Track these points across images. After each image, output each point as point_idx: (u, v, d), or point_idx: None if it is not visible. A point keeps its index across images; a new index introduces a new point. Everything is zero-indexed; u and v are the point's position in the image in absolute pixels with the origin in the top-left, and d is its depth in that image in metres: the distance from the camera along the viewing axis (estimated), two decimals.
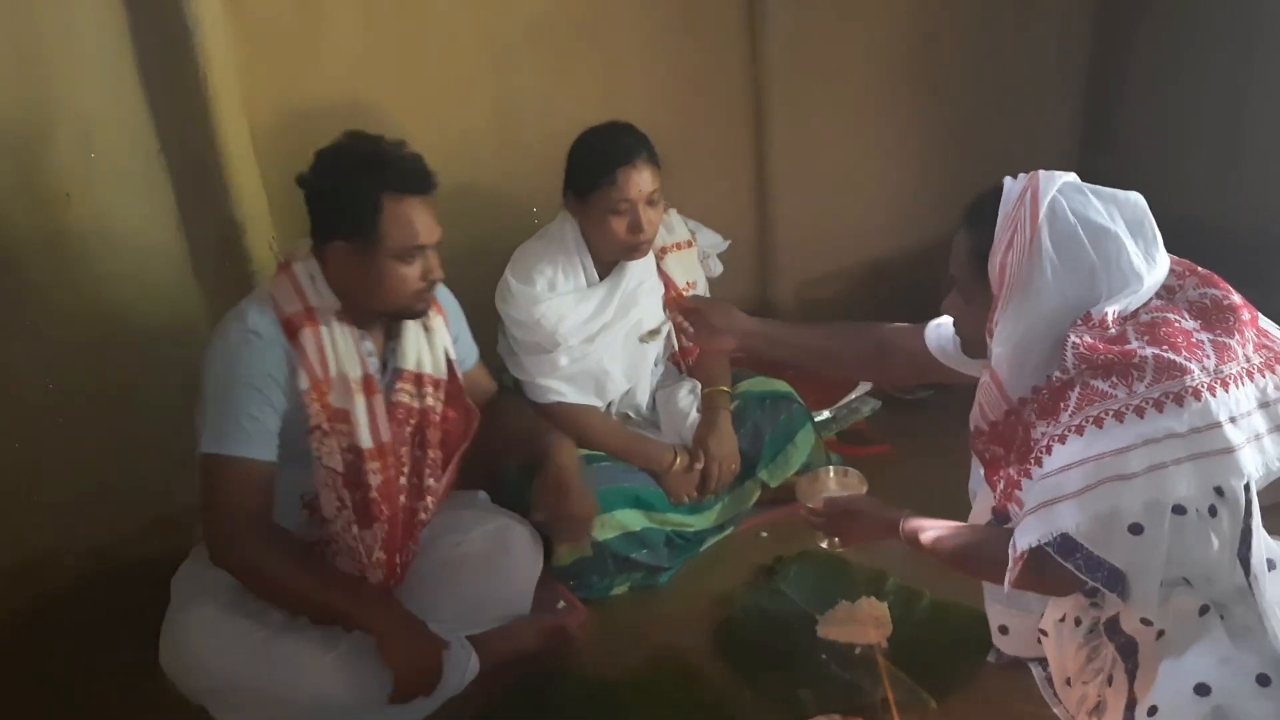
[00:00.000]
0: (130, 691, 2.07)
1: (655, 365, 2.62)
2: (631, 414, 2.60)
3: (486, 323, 2.43)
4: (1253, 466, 1.37)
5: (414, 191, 1.86)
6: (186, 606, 1.89)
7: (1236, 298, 1.50)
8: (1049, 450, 1.42)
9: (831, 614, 2.16)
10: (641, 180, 2.29)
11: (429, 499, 2.06)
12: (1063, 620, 1.65)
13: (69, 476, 2.33)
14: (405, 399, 2.00)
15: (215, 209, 2.28)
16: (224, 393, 1.83)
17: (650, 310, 2.50)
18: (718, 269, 2.67)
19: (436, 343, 2.06)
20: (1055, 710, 1.82)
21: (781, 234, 3.27)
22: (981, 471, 1.77)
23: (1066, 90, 3.75)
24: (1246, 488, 1.40)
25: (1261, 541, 1.43)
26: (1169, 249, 1.56)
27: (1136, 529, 1.36)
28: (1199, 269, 1.55)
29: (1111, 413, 1.37)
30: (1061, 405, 1.42)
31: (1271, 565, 1.44)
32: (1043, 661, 1.85)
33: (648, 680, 2.10)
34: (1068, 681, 1.67)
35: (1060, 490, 1.38)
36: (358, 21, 2.40)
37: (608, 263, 2.43)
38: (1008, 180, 1.53)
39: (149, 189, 2.25)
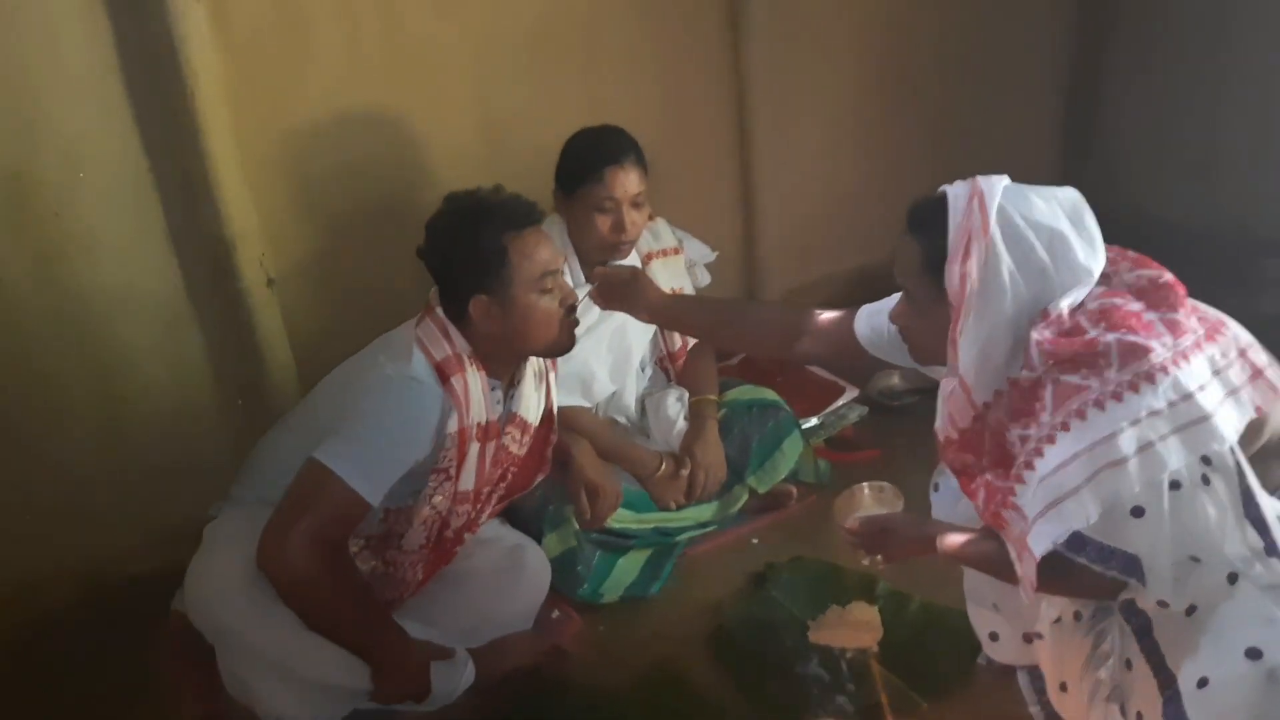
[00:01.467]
0: (125, 711, 2.07)
1: (642, 369, 2.63)
2: (620, 418, 2.61)
3: None
4: (1230, 430, 1.39)
5: (529, 224, 1.95)
6: (215, 550, 1.88)
7: (1170, 275, 1.52)
8: (1039, 452, 1.42)
9: (823, 619, 2.17)
10: (628, 180, 2.34)
11: (476, 530, 2.14)
12: (1059, 621, 1.66)
13: (60, 496, 2.32)
14: (509, 444, 2.08)
15: (205, 226, 2.28)
16: (370, 427, 1.85)
17: None
18: (705, 279, 2.69)
19: (545, 394, 2.17)
20: (1031, 710, 1.84)
21: (767, 243, 3.30)
22: (947, 512, 1.80)
23: (1047, 97, 3.79)
24: (1232, 450, 1.42)
25: (1268, 500, 1.45)
26: (1150, 252, 1.58)
27: (1138, 511, 1.38)
28: (1129, 253, 1.56)
29: (1091, 402, 1.38)
30: (1037, 405, 1.43)
31: None
32: (1030, 669, 1.86)
33: (641, 689, 2.10)
34: (1063, 686, 1.67)
35: (1063, 488, 1.39)
36: (345, 37, 2.41)
37: (594, 264, 2.44)
38: (948, 189, 1.54)
39: (137, 206, 2.26)
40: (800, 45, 3.14)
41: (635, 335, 2.54)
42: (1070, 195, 1.53)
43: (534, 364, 2.14)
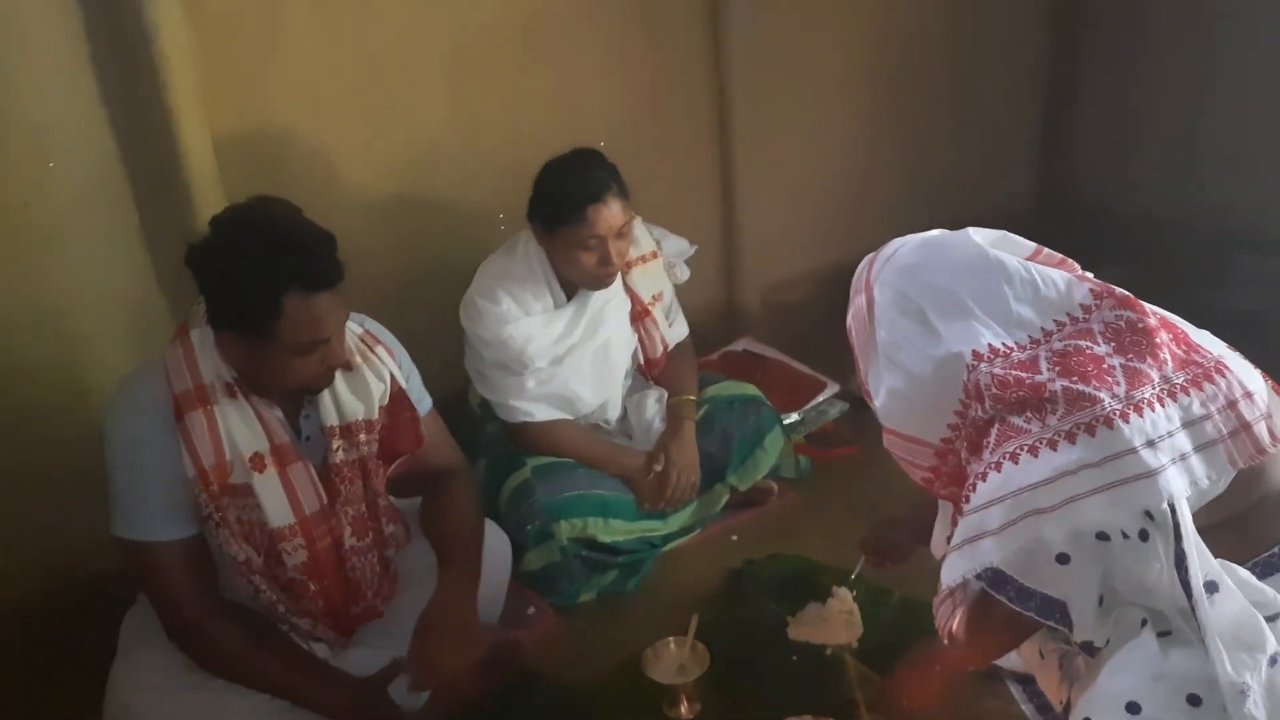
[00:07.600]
0: (90, 707, 2.03)
1: (625, 378, 2.61)
2: (601, 424, 2.59)
3: (453, 334, 2.42)
4: (1177, 487, 1.35)
5: (322, 287, 1.66)
6: (130, 656, 1.82)
7: (1153, 320, 1.50)
8: (974, 488, 1.44)
9: (802, 615, 2.17)
10: (611, 215, 2.26)
11: (396, 536, 1.98)
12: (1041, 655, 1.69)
13: (29, 489, 2.28)
14: (342, 455, 1.84)
15: (177, 217, 2.24)
16: (120, 473, 1.72)
17: (618, 327, 2.49)
18: (685, 275, 2.67)
19: (365, 381, 1.86)
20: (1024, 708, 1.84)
21: (747, 239, 3.29)
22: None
23: (1025, 92, 3.80)
24: (1175, 510, 1.34)
25: (1197, 564, 1.37)
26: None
27: (1064, 559, 1.36)
28: (1117, 291, 1.54)
29: (1026, 447, 1.39)
30: (984, 442, 1.45)
31: (1213, 587, 1.37)
32: (1023, 680, 1.86)
33: (619, 686, 2.09)
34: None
35: (982, 527, 1.40)
36: (317, 29, 2.38)
37: (574, 289, 2.42)
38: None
39: (109, 198, 2.22)
40: (781, 39, 3.13)
41: (619, 351, 2.51)
42: (950, 240, 1.61)
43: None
